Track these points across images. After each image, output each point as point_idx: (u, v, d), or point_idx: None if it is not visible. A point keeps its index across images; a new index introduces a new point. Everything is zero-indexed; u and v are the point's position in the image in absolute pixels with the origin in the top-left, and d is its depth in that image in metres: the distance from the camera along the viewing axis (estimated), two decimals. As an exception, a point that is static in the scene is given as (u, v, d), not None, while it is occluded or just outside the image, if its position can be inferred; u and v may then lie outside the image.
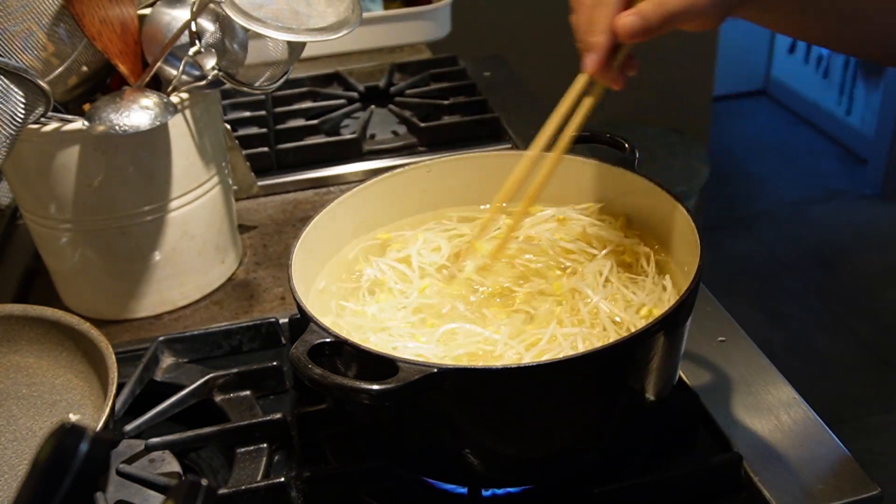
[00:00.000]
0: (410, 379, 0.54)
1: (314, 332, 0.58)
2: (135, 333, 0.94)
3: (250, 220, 1.14)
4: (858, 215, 2.98)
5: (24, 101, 0.73)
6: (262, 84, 0.92)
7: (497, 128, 1.30)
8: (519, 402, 0.59)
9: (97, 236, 0.90)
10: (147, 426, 0.74)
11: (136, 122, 0.79)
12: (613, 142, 0.80)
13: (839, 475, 0.67)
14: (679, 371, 0.71)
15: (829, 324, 2.48)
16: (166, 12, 0.85)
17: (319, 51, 1.63)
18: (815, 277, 2.68)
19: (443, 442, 0.62)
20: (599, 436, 0.65)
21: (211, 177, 0.95)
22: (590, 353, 0.58)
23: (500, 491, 0.67)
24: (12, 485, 0.70)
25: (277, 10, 0.82)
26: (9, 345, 0.79)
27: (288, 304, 0.97)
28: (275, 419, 0.73)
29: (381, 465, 0.68)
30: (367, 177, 0.84)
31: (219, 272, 1.01)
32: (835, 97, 3.41)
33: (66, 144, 0.84)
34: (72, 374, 0.78)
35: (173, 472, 0.70)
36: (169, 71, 0.86)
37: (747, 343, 0.82)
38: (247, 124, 1.35)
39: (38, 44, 0.80)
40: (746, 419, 0.73)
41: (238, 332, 0.86)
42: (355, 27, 0.86)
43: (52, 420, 0.75)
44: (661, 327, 0.59)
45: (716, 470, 0.67)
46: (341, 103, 1.42)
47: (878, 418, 2.15)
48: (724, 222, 2.96)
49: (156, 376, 0.82)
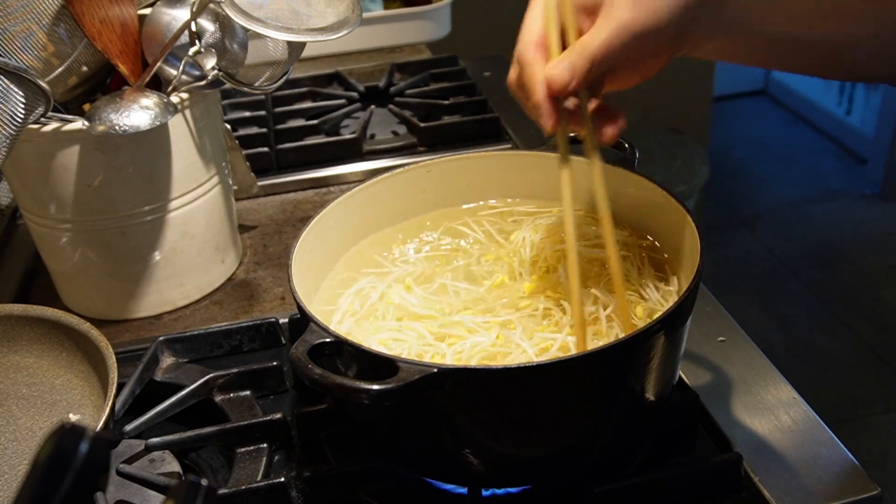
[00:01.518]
0: (410, 379, 0.54)
1: (314, 332, 0.58)
2: (135, 333, 0.94)
3: (250, 220, 1.14)
4: (858, 215, 2.98)
5: (24, 101, 0.73)
6: (262, 84, 0.92)
7: (497, 128, 1.30)
8: (519, 402, 0.59)
9: (97, 236, 0.90)
10: (147, 426, 0.74)
11: (136, 122, 0.79)
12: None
13: (839, 475, 0.67)
14: (679, 371, 0.71)
15: (829, 324, 2.48)
16: (166, 12, 0.85)
17: (319, 51, 1.63)
18: (815, 277, 2.68)
19: (443, 442, 0.62)
20: (599, 436, 0.65)
21: (211, 177, 0.95)
22: (590, 353, 0.58)
23: (500, 491, 0.67)
24: (12, 485, 0.70)
25: (277, 10, 0.82)
26: (9, 345, 0.79)
27: (288, 304, 0.97)
28: (275, 419, 0.73)
29: (381, 465, 0.68)
30: (367, 177, 0.84)
31: (219, 272, 1.01)
32: (835, 97, 3.41)
33: (66, 144, 0.84)
34: (72, 374, 0.78)
35: (173, 472, 0.70)
36: (169, 71, 0.86)
37: (747, 343, 0.82)
38: (247, 124, 1.35)
39: (38, 44, 0.80)
40: (746, 419, 0.73)
41: (238, 332, 0.86)
42: (355, 27, 0.86)
43: (52, 420, 0.75)
44: (661, 327, 0.59)
45: (716, 470, 0.67)
46: (341, 103, 1.42)
47: (878, 418, 2.15)
48: (724, 222, 2.97)
49: (156, 376, 0.82)
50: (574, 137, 0.66)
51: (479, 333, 0.67)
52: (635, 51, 0.59)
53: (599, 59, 0.58)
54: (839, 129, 3.40)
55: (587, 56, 0.58)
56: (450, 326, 0.68)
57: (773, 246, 2.84)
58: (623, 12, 0.58)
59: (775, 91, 3.77)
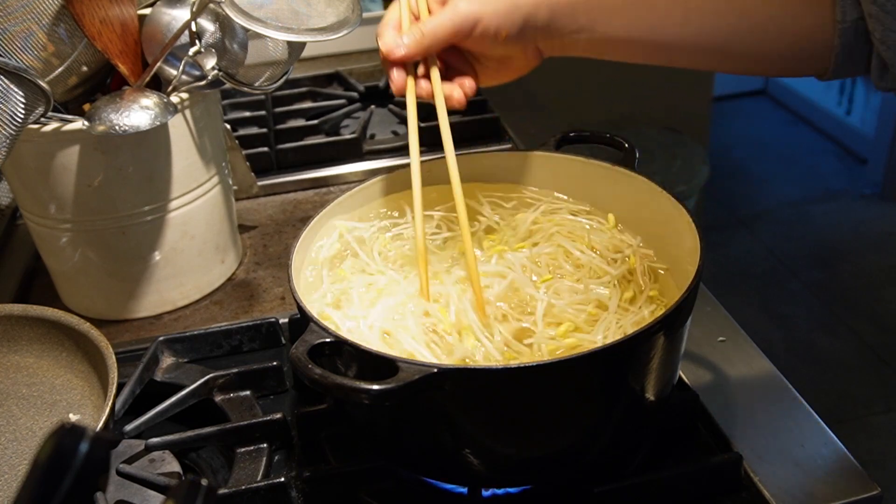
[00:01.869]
0: (410, 379, 0.54)
1: (314, 332, 0.58)
2: (135, 333, 0.94)
3: (250, 220, 1.14)
4: (858, 215, 2.98)
5: (24, 101, 0.73)
6: (262, 84, 0.92)
7: (497, 128, 1.30)
8: (519, 401, 0.59)
9: (97, 236, 0.90)
10: (147, 426, 0.74)
11: (136, 122, 0.79)
12: (613, 142, 0.80)
13: (839, 475, 0.67)
14: (679, 371, 0.71)
15: (829, 324, 2.48)
16: (166, 12, 0.85)
17: (319, 51, 1.63)
18: (815, 277, 2.68)
19: (443, 442, 0.62)
20: (599, 436, 0.65)
21: (211, 177, 0.95)
22: (590, 353, 0.58)
23: (499, 491, 0.67)
24: (12, 485, 0.70)
25: (277, 10, 0.82)
26: (9, 345, 0.79)
27: (288, 304, 0.97)
28: (275, 419, 0.73)
29: (381, 465, 0.68)
30: (367, 177, 0.84)
31: (219, 272, 1.01)
32: (835, 97, 3.41)
33: (66, 144, 0.84)
34: (72, 374, 0.78)
35: (173, 472, 0.70)
36: (169, 71, 0.86)
37: (747, 343, 0.82)
38: (247, 124, 1.35)
39: (38, 44, 0.80)
40: (746, 419, 0.73)
41: (238, 332, 0.86)
42: (355, 27, 0.86)
43: (52, 420, 0.75)
44: (661, 327, 0.59)
45: (716, 470, 0.67)
46: (341, 103, 1.42)
47: (878, 418, 2.15)
48: (724, 222, 2.96)
49: (156, 376, 0.82)
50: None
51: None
52: (477, 42, 0.69)
53: (430, 38, 0.69)
54: (839, 129, 3.39)
55: (417, 33, 0.69)
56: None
57: (773, 246, 2.84)
58: (463, 5, 0.67)
59: (775, 91, 3.77)
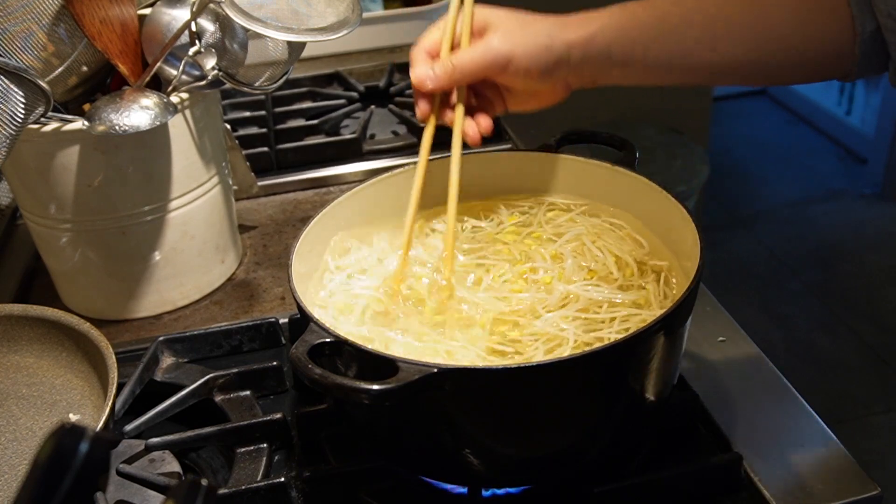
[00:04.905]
0: (410, 379, 0.54)
1: (314, 332, 0.58)
2: (135, 333, 0.94)
3: (250, 220, 1.14)
4: (858, 215, 2.98)
5: (24, 101, 0.73)
6: (262, 84, 0.92)
7: (497, 128, 1.30)
8: (519, 401, 0.59)
9: (97, 236, 0.90)
10: (147, 426, 0.74)
11: (136, 122, 0.79)
12: (613, 142, 0.80)
13: (839, 475, 0.67)
14: (679, 371, 0.71)
15: (829, 324, 2.48)
16: (166, 12, 0.85)
17: (319, 51, 1.63)
18: (815, 277, 2.68)
19: (443, 442, 0.62)
20: (599, 436, 0.65)
21: (211, 177, 0.95)
22: (590, 353, 0.58)
23: (500, 491, 0.67)
24: (12, 485, 0.70)
25: (277, 10, 0.82)
26: (9, 345, 0.79)
27: (288, 304, 0.97)
28: (275, 419, 0.73)
29: (380, 465, 0.68)
30: (367, 177, 0.84)
31: (219, 272, 1.01)
32: (835, 97, 3.40)
33: (66, 144, 0.84)
34: (72, 374, 0.78)
35: (173, 472, 0.70)
36: (169, 71, 0.86)
37: (747, 343, 0.82)
38: (247, 124, 1.35)
39: (38, 44, 0.80)
40: (746, 419, 0.73)
41: (238, 332, 0.86)
42: (355, 27, 0.86)
43: (52, 420, 0.75)
44: (661, 327, 0.59)
45: (716, 470, 0.67)
46: (341, 103, 1.42)
47: (878, 418, 2.15)
48: (724, 222, 2.96)
49: (156, 376, 0.82)
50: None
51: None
52: (509, 78, 0.69)
53: (460, 72, 0.69)
54: (839, 129, 3.39)
55: (448, 68, 0.69)
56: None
57: (773, 246, 2.84)
58: (496, 42, 0.67)
59: (775, 91, 3.76)
